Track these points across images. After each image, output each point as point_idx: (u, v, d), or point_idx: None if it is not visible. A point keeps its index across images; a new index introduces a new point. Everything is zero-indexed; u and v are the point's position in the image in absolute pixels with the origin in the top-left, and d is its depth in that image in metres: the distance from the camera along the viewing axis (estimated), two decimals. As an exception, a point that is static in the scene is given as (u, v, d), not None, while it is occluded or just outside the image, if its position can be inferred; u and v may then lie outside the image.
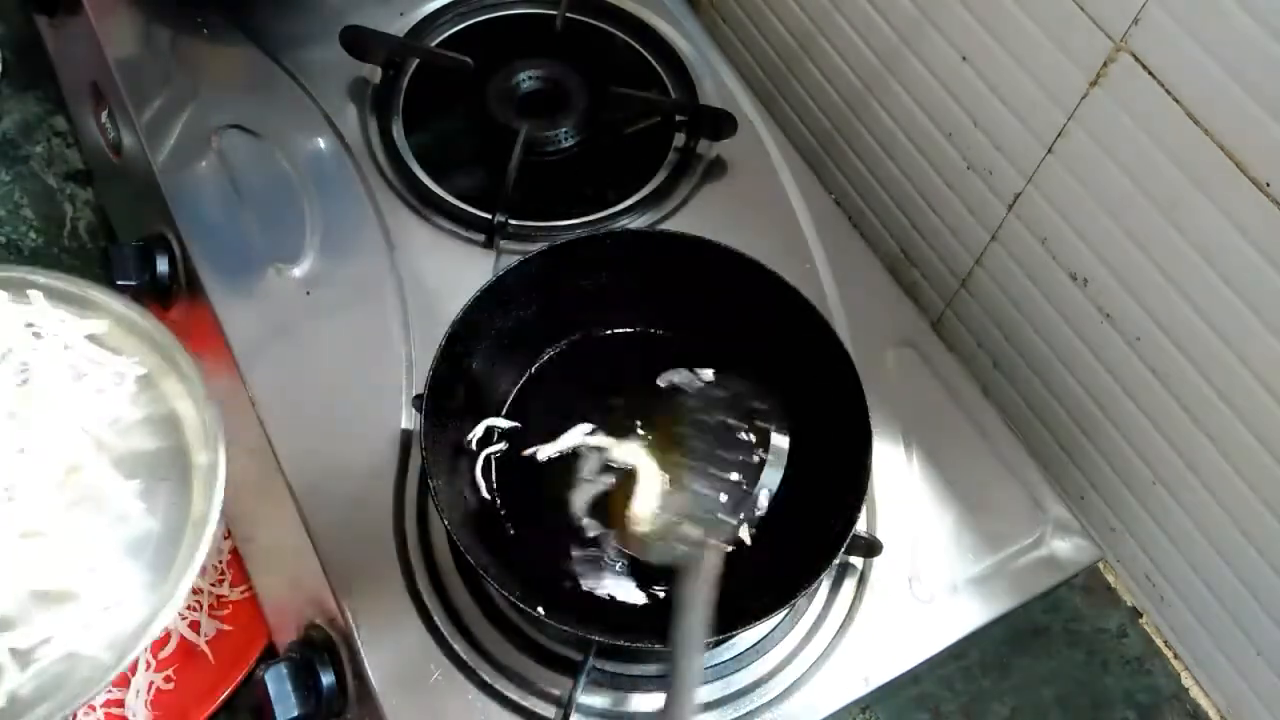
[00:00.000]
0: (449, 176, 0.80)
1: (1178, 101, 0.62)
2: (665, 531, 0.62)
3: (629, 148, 0.86)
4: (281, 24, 0.86)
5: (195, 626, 0.72)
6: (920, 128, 0.82)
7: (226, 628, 0.73)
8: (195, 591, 0.73)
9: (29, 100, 0.96)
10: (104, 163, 0.86)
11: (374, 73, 0.84)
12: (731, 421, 0.66)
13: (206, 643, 0.72)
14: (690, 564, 0.58)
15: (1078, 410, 0.78)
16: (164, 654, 0.72)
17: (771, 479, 0.64)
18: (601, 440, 0.68)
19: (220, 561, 0.75)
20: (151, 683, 0.70)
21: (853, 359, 0.63)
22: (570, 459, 0.68)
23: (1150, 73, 0.63)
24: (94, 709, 0.69)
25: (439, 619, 0.62)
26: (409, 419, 0.68)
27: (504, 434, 0.68)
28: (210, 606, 0.73)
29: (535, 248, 0.67)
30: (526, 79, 0.84)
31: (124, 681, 0.70)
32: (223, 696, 0.70)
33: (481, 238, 0.77)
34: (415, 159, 0.80)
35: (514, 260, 0.66)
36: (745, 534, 0.65)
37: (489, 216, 0.76)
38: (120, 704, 0.70)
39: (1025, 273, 0.78)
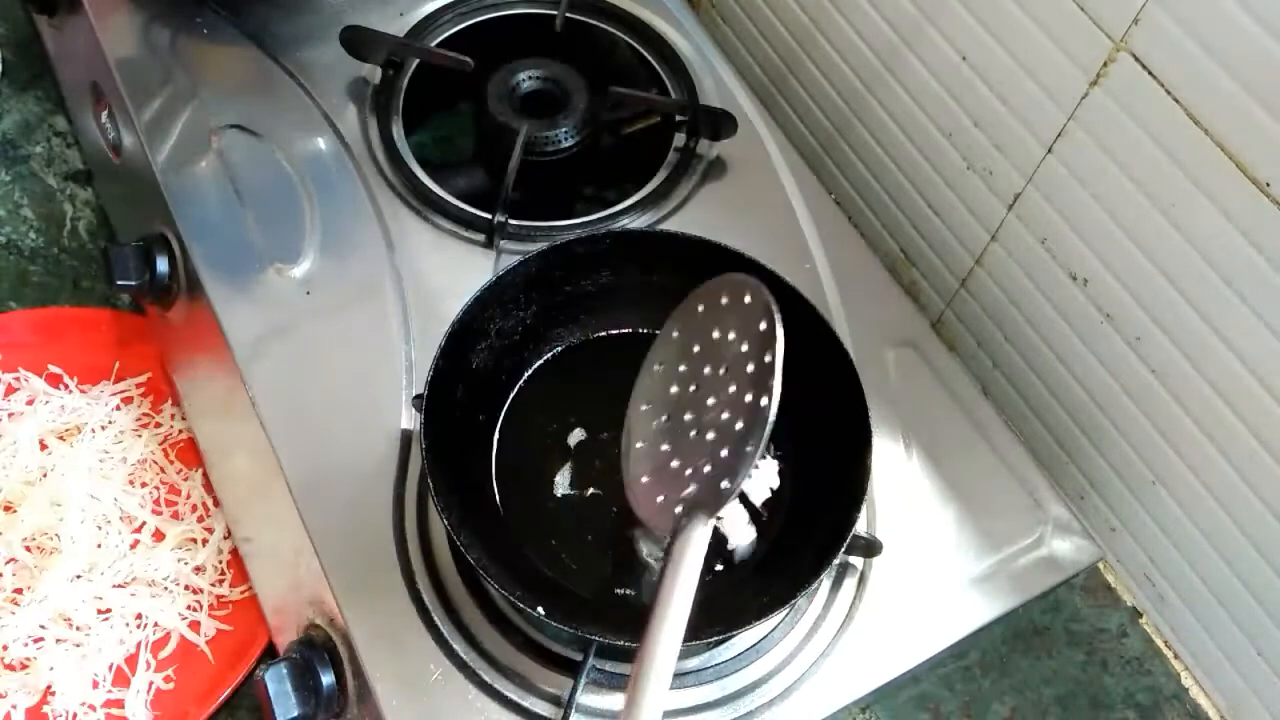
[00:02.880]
0: (449, 176, 0.81)
1: (1178, 101, 0.62)
2: (669, 485, 0.52)
3: (629, 148, 0.86)
4: (281, 24, 0.86)
5: (195, 626, 0.72)
6: (920, 128, 0.82)
7: (226, 628, 0.73)
8: (195, 591, 0.74)
9: (29, 100, 0.96)
10: (104, 163, 0.86)
11: (374, 73, 0.84)
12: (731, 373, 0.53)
13: (206, 643, 0.72)
14: (679, 532, 0.50)
15: (1078, 410, 0.78)
16: (164, 654, 0.72)
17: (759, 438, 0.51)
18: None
19: (220, 561, 0.75)
20: (151, 683, 0.71)
21: (853, 359, 0.63)
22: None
23: (1150, 73, 0.63)
24: (94, 709, 0.69)
25: (439, 619, 0.62)
26: (409, 419, 0.69)
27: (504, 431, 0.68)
28: (210, 607, 0.73)
29: (535, 248, 0.67)
30: (526, 79, 0.84)
31: (124, 681, 0.70)
32: (223, 696, 0.70)
33: (481, 238, 0.77)
34: (415, 159, 0.80)
35: (514, 260, 0.66)
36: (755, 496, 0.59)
37: (489, 216, 0.76)
38: (120, 704, 0.70)
39: (1025, 273, 0.78)
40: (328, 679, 0.62)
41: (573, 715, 0.60)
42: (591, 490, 0.67)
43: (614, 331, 0.72)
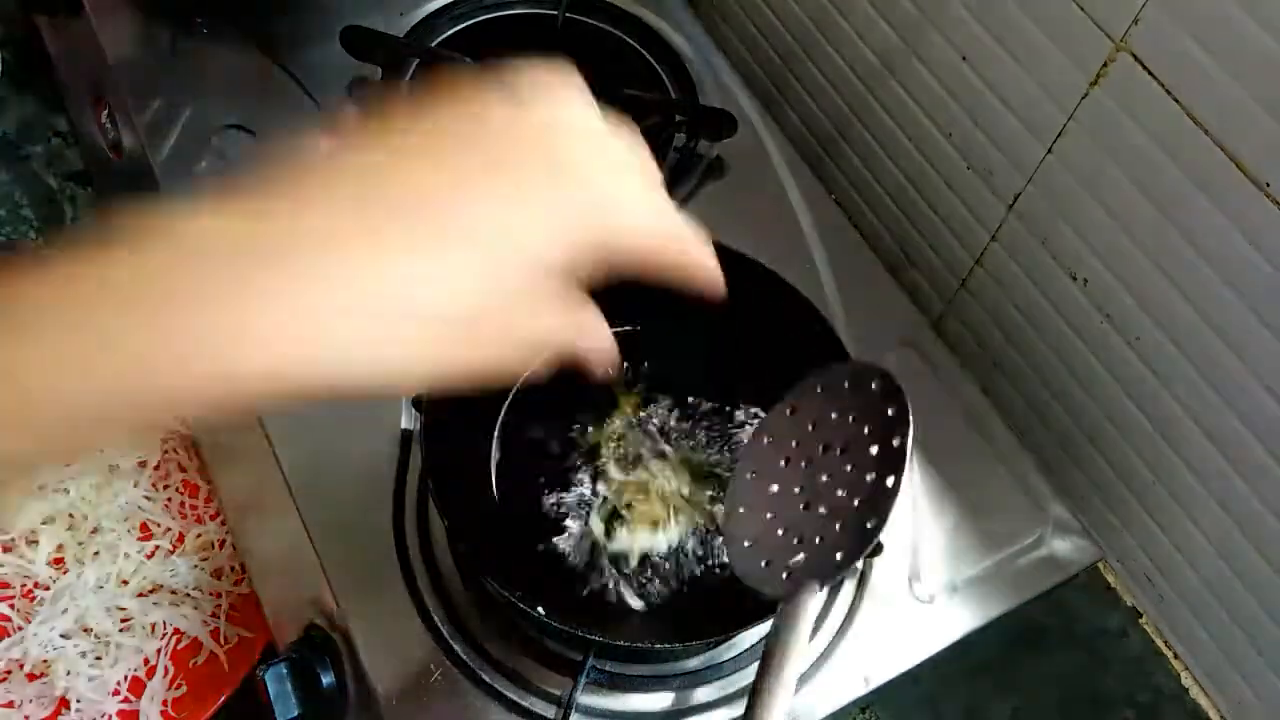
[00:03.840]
0: (449, 176, 0.80)
1: (1178, 101, 0.62)
2: (774, 551, 0.53)
3: (629, 148, 0.86)
4: (281, 24, 0.86)
5: (216, 634, 0.73)
6: (920, 128, 0.82)
7: (248, 634, 0.72)
8: (215, 596, 0.74)
9: (29, 100, 0.96)
10: (104, 163, 0.86)
11: (374, 73, 0.84)
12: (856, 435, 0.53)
13: (215, 644, 0.72)
14: (785, 600, 0.50)
15: (1078, 410, 0.78)
16: (194, 662, 0.72)
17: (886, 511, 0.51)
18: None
19: (236, 564, 0.75)
20: (169, 687, 0.71)
21: (853, 359, 0.63)
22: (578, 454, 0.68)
23: (1150, 73, 0.63)
24: (108, 716, 0.69)
25: (439, 619, 0.62)
26: (409, 419, 0.68)
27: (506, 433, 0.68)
28: (231, 608, 0.73)
29: (535, 248, 0.67)
30: (526, 79, 0.83)
31: (139, 689, 0.70)
32: (224, 696, 0.70)
33: (481, 238, 0.77)
34: (415, 159, 0.80)
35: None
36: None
37: (489, 216, 0.76)
38: (135, 715, 0.70)
39: (1025, 273, 0.78)
40: (328, 679, 0.62)
41: (573, 715, 0.60)
42: (592, 489, 0.67)
43: (614, 331, 0.72)
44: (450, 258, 0.34)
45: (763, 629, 0.65)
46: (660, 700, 0.63)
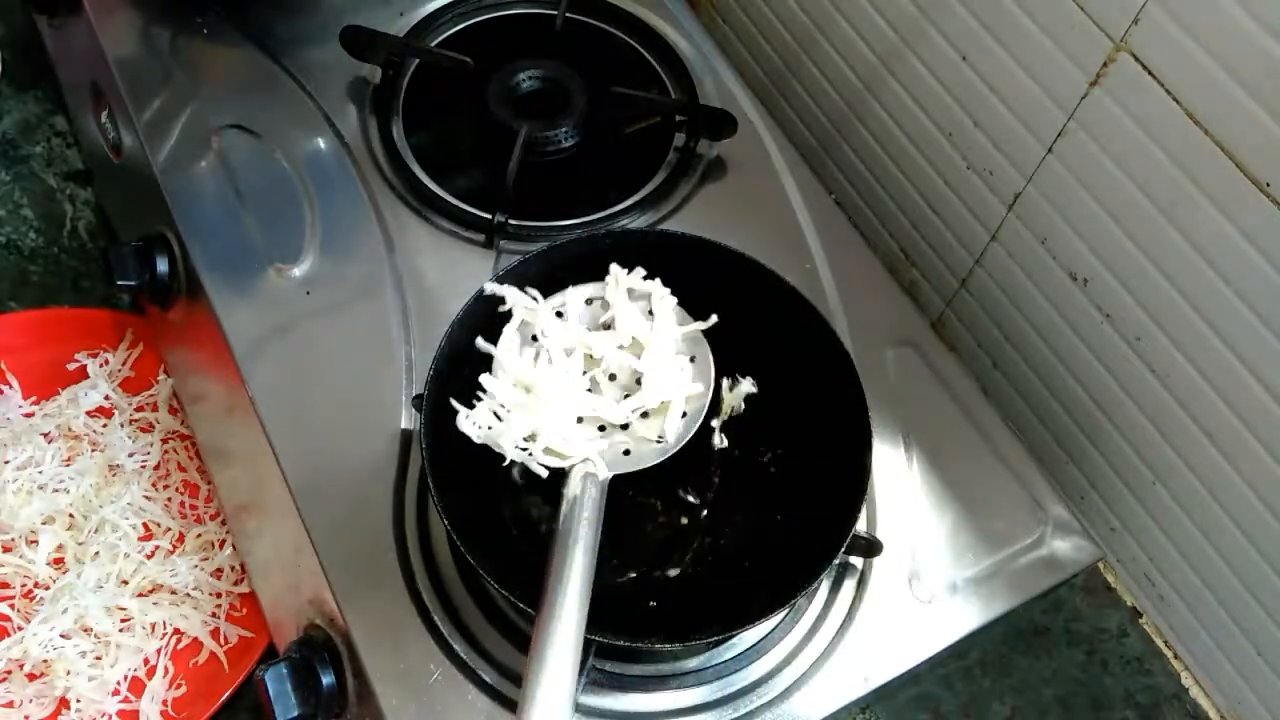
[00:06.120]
0: (449, 176, 0.80)
1: (1178, 101, 0.62)
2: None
3: (629, 148, 0.86)
4: (281, 24, 0.86)
5: (216, 633, 0.73)
6: (920, 128, 0.82)
7: (248, 634, 0.72)
8: (215, 596, 0.74)
9: (29, 100, 0.96)
10: (104, 163, 0.86)
11: (374, 73, 0.84)
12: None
13: (216, 644, 0.72)
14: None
15: (1078, 410, 0.78)
16: (194, 661, 0.72)
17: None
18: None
19: (236, 563, 0.75)
20: (169, 687, 0.71)
21: (853, 359, 0.63)
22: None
23: (1150, 73, 0.63)
24: (108, 716, 0.69)
25: (439, 619, 0.62)
26: (409, 419, 0.69)
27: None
28: (231, 607, 0.73)
29: (535, 248, 0.67)
30: (526, 79, 0.84)
31: (139, 689, 0.70)
32: (224, 696, 0.70)
33: (481, 238, 0.77)
34: (415, 159, 0.80)
35: (514, 260, 0.66)
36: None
37: (489, 216, 0.76)
38: (135, 715, 0.70)
39: (1025, 273, 0.78)
40: (328, 679, 0.62)
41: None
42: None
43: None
44: None
45: (763, 629, 0.65)
46: (660, 700, 0.63)
